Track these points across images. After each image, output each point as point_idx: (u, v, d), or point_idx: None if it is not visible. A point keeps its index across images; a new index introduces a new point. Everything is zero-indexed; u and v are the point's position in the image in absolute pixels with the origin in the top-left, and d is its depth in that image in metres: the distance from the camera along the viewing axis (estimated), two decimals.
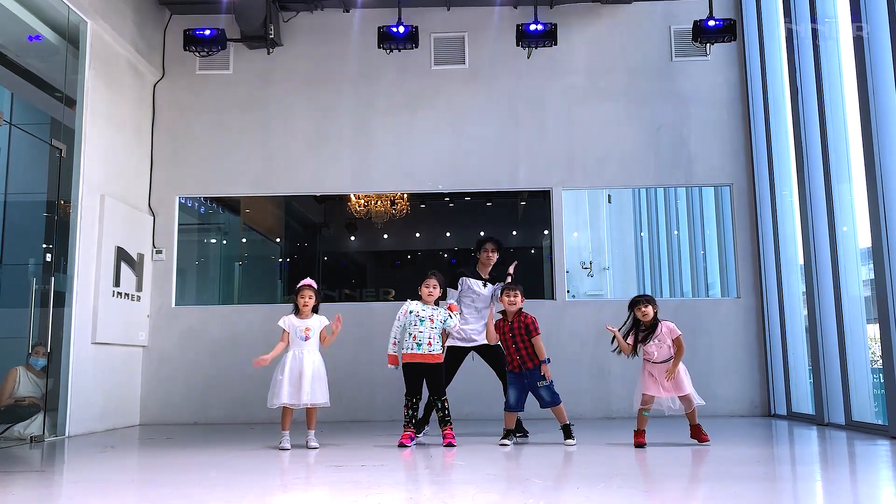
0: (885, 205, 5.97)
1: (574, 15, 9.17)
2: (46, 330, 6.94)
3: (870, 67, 6.13)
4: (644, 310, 5.80)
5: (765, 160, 8.51)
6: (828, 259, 7.01)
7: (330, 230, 11.37)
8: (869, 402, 6.66)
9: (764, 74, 8.48)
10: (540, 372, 5.83)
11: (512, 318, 5.93)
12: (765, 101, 8.47)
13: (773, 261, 8.30)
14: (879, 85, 6.07)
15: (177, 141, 9.12)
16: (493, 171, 8.99)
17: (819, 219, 7.19)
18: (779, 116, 8.26)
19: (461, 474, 4.59)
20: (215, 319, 8.86)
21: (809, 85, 7.33)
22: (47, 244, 7.28)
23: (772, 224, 8.33)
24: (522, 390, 5.91)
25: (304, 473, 4.75)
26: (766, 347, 8.50)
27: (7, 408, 6.76)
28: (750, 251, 8.75)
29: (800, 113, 7.49)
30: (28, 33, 7.26)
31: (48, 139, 7.23)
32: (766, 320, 8.51)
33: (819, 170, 7.13)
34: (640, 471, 4.62)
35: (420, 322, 5.92)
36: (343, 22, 9.29)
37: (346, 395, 8.14)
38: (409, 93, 9.18)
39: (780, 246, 8.19)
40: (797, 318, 8.01)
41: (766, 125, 8.44)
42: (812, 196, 7.29)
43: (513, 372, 5.94)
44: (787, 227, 8.15)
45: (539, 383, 5.83)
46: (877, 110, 6.08)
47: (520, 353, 5.87)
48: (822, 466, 4.98)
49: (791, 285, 8.08)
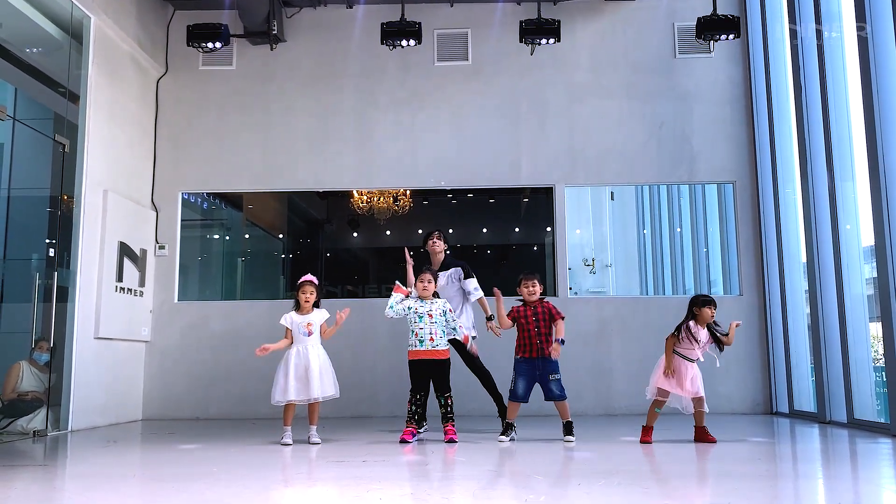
0: (888, 203, 5.96)
1: (577, 11, 9.16)
2: (49, 325, 6.96)
3: (874, 65, 6.12)
4: (705, 309, 5.73)
5: (768, 157, 8.49)
6: (830, 257, 7.01)
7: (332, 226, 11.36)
8: (871, 400, 6.65)
9: (767, 71, 8.46)
10: (553, 365, 5.76)
11: (534, 305, 5.92)
12: (768, 99, 8.45)
13: (776, 258, 8.29)
14: (883, 82, 6.05)
15: (180, 136, 9.13)
16: (495, 167, 8.99)
17: (822, 216, 7.18)
18: (782, 114, 8.25)
19: (462, 470, 4.60)
20: (218, 315, 8.87)
21: (813, 82, 7.31)
22: (50, 239, 7.30)
23: (775, 222, 8.32)
24: (532, 380, 5.84)
25: (305, 469, 4.76)
26: (769, 345, 8.49)
27: (10, 402, 6.78)
28: (753, 249, 8.74)
29: (803, 110, 7.48)
30: (31, 28, 7.26)
31: (51, 134, 7.24)
32: (769, 318, 8.51)
33: (822, 167, 7.12)
34: (641, 468, 4.62)
35: (419, 319, 5.92)
36: (346, 18, 9.29)
37: (347, 391, 8.09)
38: (411, 89, 9.18)
39: (782, 243, 8.18)
40: (800, 315, 8.00)
41: (770, 122, 8.43)
42: (815, 194, 7.29)
43: (525, 360, 5.83)
44: (789, 225, 8.14)
45: (551, 376, 5.77)
46: (881, 108, 6.06)
47: (540, 337, 5.81)
48: (823, 464, 4.98)
49: (794, 283, 8.07)
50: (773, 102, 8.38)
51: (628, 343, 8.53)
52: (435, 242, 6.66)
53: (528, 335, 5.86)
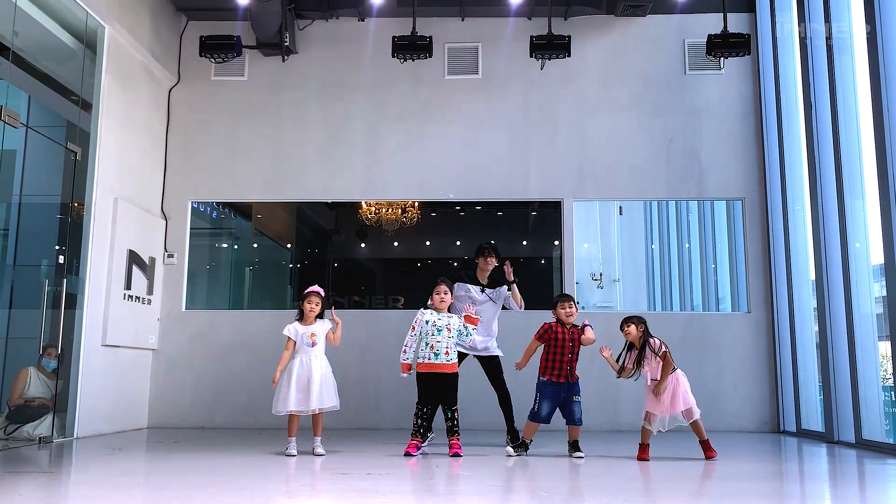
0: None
1: (588, 27, 9.19)
2: (58, 331, 6.99)
3: (884, 83, 6.11)
4: (627, 329, 5.79)
5: (777, 175, 8.47)
6: (840, 275, 6.97)
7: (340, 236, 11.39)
8: (880, 420, 6.59)
9: (778, 89, 8.46)
10: (577, 388, 5.87)
11: (572, 329, 5.96)
12: (778, 116, 8.44)
13: (785, 276, 8.25)
14: (894, 100, 6.04)
15: (190, 146, 9.19)
16: (504, 180, 9.00)
17: (831, 234, 7.15)
18: (792, 131, 8.24)
19: (466, 485, 4.58)
20: (225, 324, 8.89)
21: (823, 100, 7.30)
22: (60, 246, 7.34)
23: (784, 239, 8.29)
24: (556, 403, 5.88)
25: (309, 480, 4.76)
26: (777, 363, 8.44)
27: (17, 408, 6.80)
28: (761, 266, 8.71)
29: (813, 128, 7.47)
30: (46, 37, 7.34)
31: (63, 142, 7.30)
32: (777, 336, 8.46)
33: (832, 185, 7.09)
34: (647, 485, 4.59)
35: (437, 332, 5.89)
36: (358, 31, 9.35)
37: (353, 403, 8.14)
38: (421, 101, 9.21)
39: (791, 261, 8.15)
40: (808, 334, 7.95)
41: (780, 139, 8.41)
42: (825, 211, 7.26)
43: (552, 383, 5.86)
44: (798, 243, 8.11)
45: (574, 398, 5.84)
46: (891, 126, 6.05)
47: (571, 363, 5.87)
48: (831, 485, 4.93)
49: (802, 301, 8.03)
50: (782, 119, 8.37)
51: None
52: (487, 261, 6.63)
53: (559, 357, 5.89)
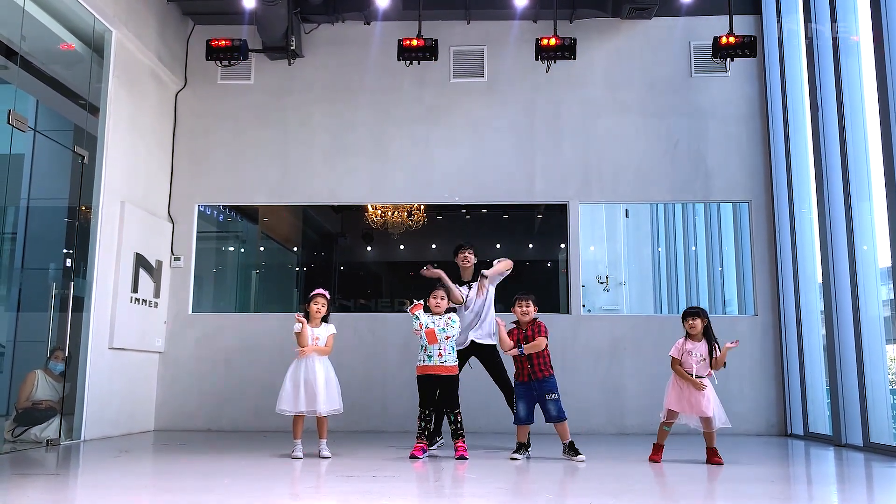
0: None
1: (594, 29, 9.19)
2: (65, 334, 7.02)
3: (891, 84, 6.09)
4: (692, 322, 5.72)
5: (784, 177, 8.45)
6: (847, 278, 6.94)
7: (346, 240, 11.42)
8: (887, 423, 6.57)
9: (784, 91, 8.44)
10: (549, 385, 5.78)
11: (525, 327, 5.92)
12: (784, 118, 8.42)
13: (791, 278, 8.23)
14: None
15: (197, 149, 9.22)
16: (509, 183, 9.00)
17: (838, 237, 7.12)
18: (798, 133, 8.21)
19: (472, 487, 4.58)
20: (231, 327, 8.91)
21: (830, 101, 7.28)
22: (68, 249, 7.37)
23: (790, 241, 8.26)
24: (531, 401, 5.89)
25: (314, 482, 4.76)
26: (784, 366, 8.41)
27: (25, 411, 6.82)
28: (768, 268, 8.68)
29: (820, 129, 7.45)
30: (54, 41, 7.38)
31: (71, 146, 7.33)
32: (784, 338, 8.43)
33: (839, 187, 7.07)
34: (653, 488, 4.58)
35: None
36: (363, 34, 9.37)
37: (358, 405, 8.15)
38: (427, 105, 9.23)
39: (798, 263, 8.12)
40: (815, 336, 7.92)
41: (786, 141, 8.39)
42: (831, 214, 7.23)
43: (522, 383, 5.91)
44: (805, 245, 8.08)
45: (547, 396, 5.81)
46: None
47: (531, 361, 5.85)
48: (838, 488, 4.91)
49: (809, 303, 8.00)
50: (789, 121, 8.35)
51: (641, 361, 8.47)
52: (466, 257, 6.64)
53: (519, 358, 5.89)
